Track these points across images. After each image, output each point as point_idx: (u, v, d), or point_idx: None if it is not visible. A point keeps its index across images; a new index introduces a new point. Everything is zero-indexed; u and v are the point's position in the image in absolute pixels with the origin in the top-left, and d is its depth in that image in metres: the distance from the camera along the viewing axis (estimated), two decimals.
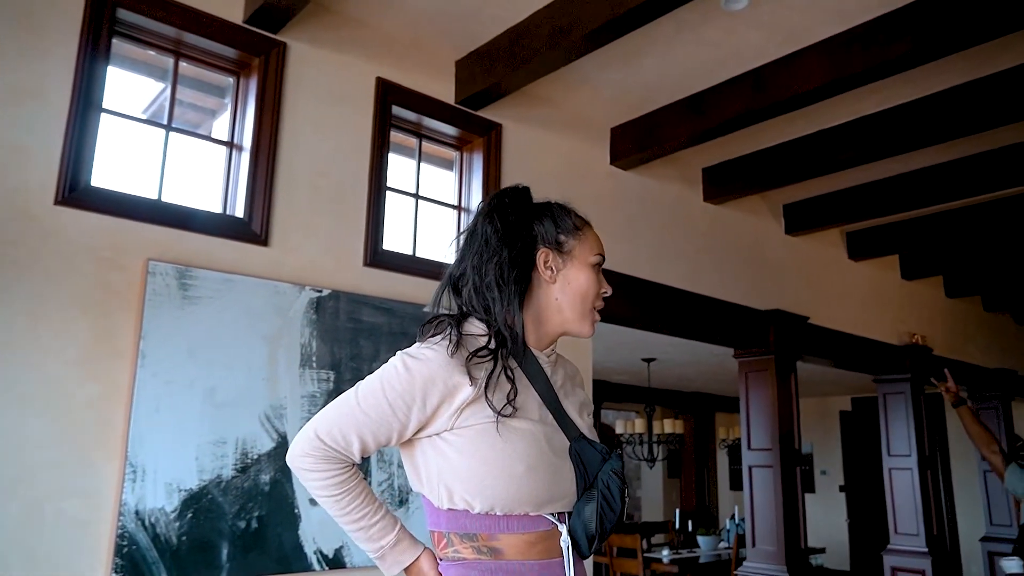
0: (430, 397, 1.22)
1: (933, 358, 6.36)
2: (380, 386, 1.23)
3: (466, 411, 1.22)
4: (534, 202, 1.41)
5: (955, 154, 4.37)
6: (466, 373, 1.22)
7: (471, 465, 1.21)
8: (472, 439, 1.21)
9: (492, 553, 1.22)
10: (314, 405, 2.74)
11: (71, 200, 2.36)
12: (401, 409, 1.22)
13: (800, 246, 5.32)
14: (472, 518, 1.22)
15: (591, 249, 1.38)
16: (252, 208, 2.76)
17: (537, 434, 1.24)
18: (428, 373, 1.22)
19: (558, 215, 1.39)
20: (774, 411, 4.75)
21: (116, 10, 2.55)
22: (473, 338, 1.29)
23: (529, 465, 1.21)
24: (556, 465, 1.25)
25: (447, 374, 1.22)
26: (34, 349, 2.23)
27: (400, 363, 1.25)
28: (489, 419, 1.21)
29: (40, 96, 2.35)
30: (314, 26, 3.00)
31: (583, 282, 1.35)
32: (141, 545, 2.31)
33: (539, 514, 1.24)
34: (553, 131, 3.80)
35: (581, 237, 1.38)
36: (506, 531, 1.22)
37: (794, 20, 3.12)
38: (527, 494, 1.21)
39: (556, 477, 1.24)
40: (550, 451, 1.24)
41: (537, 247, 1.35)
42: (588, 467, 1.28)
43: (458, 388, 1.22)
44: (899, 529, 5.96)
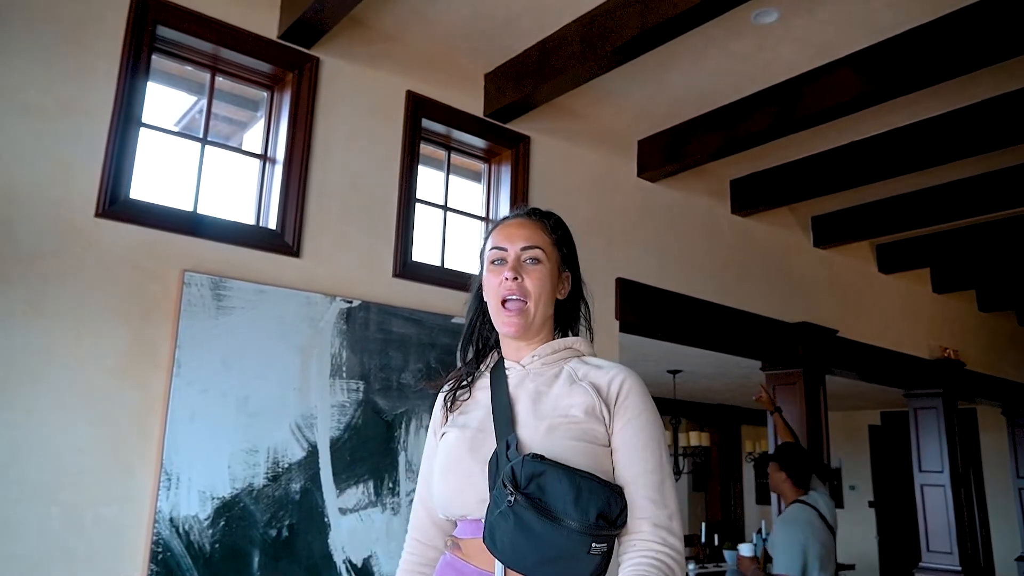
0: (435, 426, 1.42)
1: (966, 373, 6.26)
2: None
3: (442, 427, 1.38)
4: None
5: (987, 167, 4.31)
6: (442, 399, 1.41)
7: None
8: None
9: (454, 546, 1.28)
10: (343, 415, 2.77)
11: (111, 212, 2.42)
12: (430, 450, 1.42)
13: (829, 259, 5.27)
14: (449, 524, 1.34)
15: (488, 245, 1.39)
16: (284, 220, 2.81)
17: (459, 441, 1.28)
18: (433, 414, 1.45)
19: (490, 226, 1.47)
20: (802, 425, 4.69)
21: (156, 27, 2.61)
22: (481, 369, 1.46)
23: (441, 469, 1.29)
24: (469, 468, 1.23)
25: (439, 400, 1.44)
26: (75, 357, 2.29)
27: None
28: (443, 431, 1.35)
29: (83, 111, 2.42)
30: (347, 41, 3.05)
31: (486, 282, 1.38)
32: (175, 552, 2.35)
33: (476, 519, 1.20)
34: (581, 144, 3.81)
35: (487, 240, 1.41)
36: (461, 535, 1.27)
37: (824, 34, 3.11)
38: (442, 497, 1.28)
39: (466, 479, 1.23)
40: (469, 456, 1.25)
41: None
42: (499, 472, 1.17)
43: (442, 408, 1.41)
44: (931, 547, 5.86)
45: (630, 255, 3.92)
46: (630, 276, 3.88)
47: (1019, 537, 7.30)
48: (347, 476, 2.75)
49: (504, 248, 1.35)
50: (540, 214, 1.42)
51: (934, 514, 5.87)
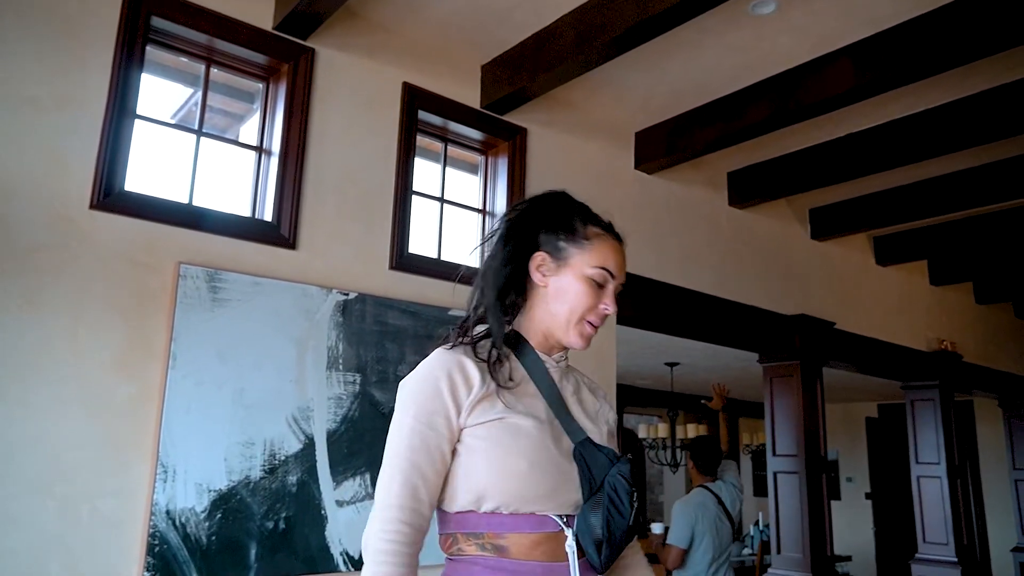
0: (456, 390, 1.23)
1: (963, 365, 6.27)
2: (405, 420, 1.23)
3: (476, 409, 1.22)
4: (563, 204, 1.37)
5: (985, 158, 4.31)
6: (475, 369, 1.24)
7: (478, 464, 1.20)
8: (479, 438, 1.21)
9: (496, 550, 1.19)
10: (340, 407, 2.77)
11: (106, 204, 2.41)
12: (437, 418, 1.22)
13: (826, 251, 5.27)
14: (480, 517, 1.21)
15: (590, 261, 1.31)
16: (280, 212, 2.80)
17: (541, 432, 1.23)
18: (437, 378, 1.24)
19: (570, 220, 1.34)
20: (799, 417, 4.70)
21: (150, 18, 2.60)
22: (478, 344, 1.31)
23: (532, 462, 1.20)
24: (561, 465, 1.23)
25: (454, 373, 1.23)
26: (70, 351, 2.28)
27: (407, 385, 1.26)
28: (496, 416, 1.21)
29: (77, 103, 2.41)
30: (342, 32, 3.04)
31: (571, 293, 1.30)
32: (172, 545, 2.35)
33: (545, 515, 1.21)
34: (578, 135, 3.80)
35: (586, 247, 1.32)
36: (512, 530, 1.20)
37: (823, 25, 3.10)
38: (531, 492, 1.20)
39: (560, 477, 1.22)
40: (556, 449, 1.23)
41: (536, 250, 1.33)
42: (593, 470, 1.24)
43: (469, 383, 1.23)
44: (928, 538, 5.88)
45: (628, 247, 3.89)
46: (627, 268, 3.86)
47: (1015, 528, 7.33)
48: (344, 468, 2.75)
49: (613, 276, 1.34)
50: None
51: (930, 506, 5.89)
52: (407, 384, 1.26)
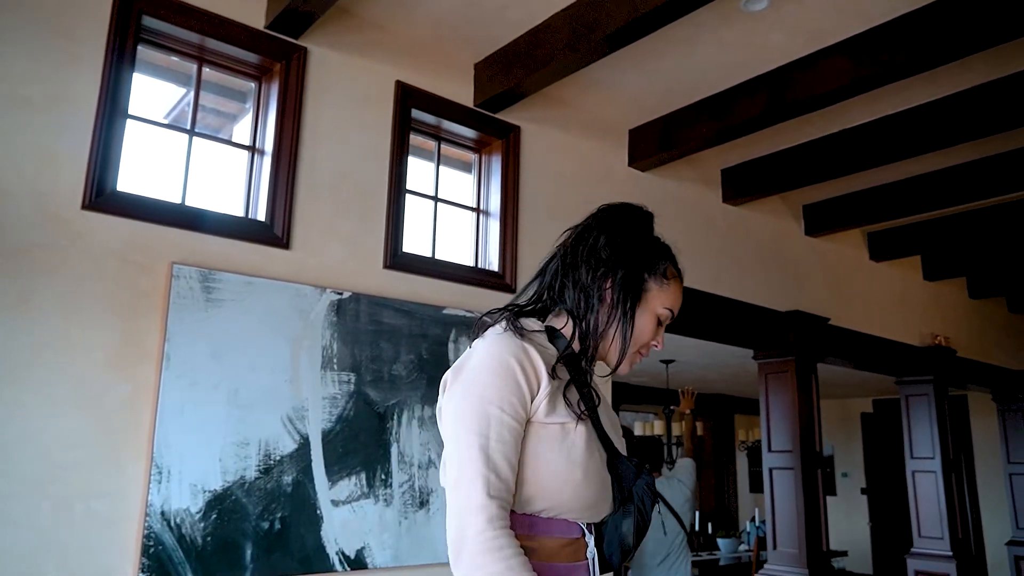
0: (529, 380, 1.20)
1: (957, 360, 6.29)
2: (488, 410, 1.17)
3: (543, 405, 1.20)
4: (653, 238, 1.41)
5: (978, 154, 4.32)
6: (541, 363, 1.21)
7: (538, 467, 1.18)
8: (542, 439, 1.19)
9: (526, 552, 1.17)
10: (335, 407, 2.77)
11: (98, 204, 2.40)
12: (517, 404, 1.19)
13: (820, 247, 5.28)
14: (516, 518, 1.18)
15: (664, 302, 1.36)
16: (274, 211, 2.79)
17: (591, 442, 1.25)
18: (512, 366, 1.20)
19: (655, 256, 1.37)
20: (795, 413, 4.71)
21: (141, 17, 2.59)
22: (535, 335, 1.29)
23: (586, 473, 1.22)
24: (604, 476, 1.26)
25: (525, 363, 1.20)
26: (64, 351, 2.28)
27: (472, 372, 1.21)
28: (559, 420, 1.20)
29: (69, 102, 2.40)
30: (334, 31, 3.03)
31: (641, 327, 1.34)
32: (167, 545, 2.34)
33: (576, 521, 1.23)
34: (571, 133, 3.80)
35: (664, 287, 1.36)
36: (544, 533, 1.20)
37: (815, 21, 3.10)
38: (581, 501, 1.21)
39: (603, 488, 1.26)
40: (600, 462, 1.26)
41: (619, 272, 1.34)
42: (624, 481, 1.28)
43: (540, 379, 1.20)
44: (923, 532, 5.90)
45: None
46: None
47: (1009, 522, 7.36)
48: (339, 468, 2.74)
49: (673, 316, 1.38)
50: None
51: (926, 500, 5.91)
52: (478, 371, 1.20)
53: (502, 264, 3.41)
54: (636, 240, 1.36)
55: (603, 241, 1.34)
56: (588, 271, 1.32)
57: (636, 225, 1.39)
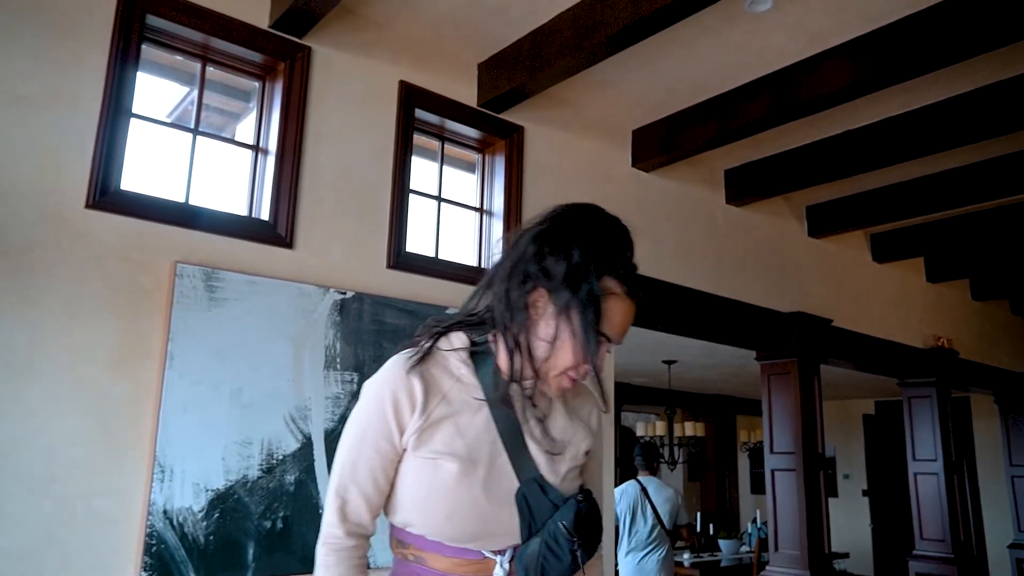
0: (400, 415, 1.20)
1: (960, 362, 6.28)
2: (353, 436, 1.24)
3: (416, 436, 1.20)
4: (589, 236, 1.21)
5: (981, 155, 4.31)
6: (421, 394, 1.20)
7: (406, 493, 1.22)
8: (412, 470, 1.21)
9: (418, 560, 1.23)
10: (338, 406, 2.77)
11: (101, 203, 2.40)
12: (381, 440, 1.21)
13: (823, 248, 5.28)
14: (406, 534, 1.24)
15: (614, 320, 1.20)
16: (277, 211, 2.79)
17: (468, 479, 1.17)
18: (384, 400, 1.21)
19: (594, 270, 1.18)
20: (797, 414, 4.71)
21: (146, 16, 2.59)
22: (446, 356, 1.25)
23: (451, 511, 1.18)
24: (486, 514, 1.18)
25: (400, 394, 1.20)
26: (66, 349, 2.28)
27: (362, 394, 1.25)
28: (430, 455, 1.19)
29: (73, 101, 2.40)
30: (338, 30, 3.03)
31: (562, 347, 1.18)
32: (169, 544, 2.34)
33: (464, 547, 1.20)
34: (575, 133, 3.80)
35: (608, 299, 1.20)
36: (435, 551, 1.21)
37: (819, 22, 3.10)
38: (449, 535, 1.19)
39: (483, 525, 1.19)
40: (484, 498, 1.18)
41: (540, 282, 1.19)
42: (535, 513, 1.20)
43: (415, 410, 1.19)
44: (925, 535, 5.89)
45: None
46: None
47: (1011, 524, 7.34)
48: None
49: (611, 341, 1.22)
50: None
51: (927, 502, 5.90)
52: (363, 398, 1.25)
53: None
54: (572, 251, 1.18)
55: (531, 251, 1.19)
56: (518, 283, 1.19)
57: (576, 232, 1.20)
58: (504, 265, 1.23)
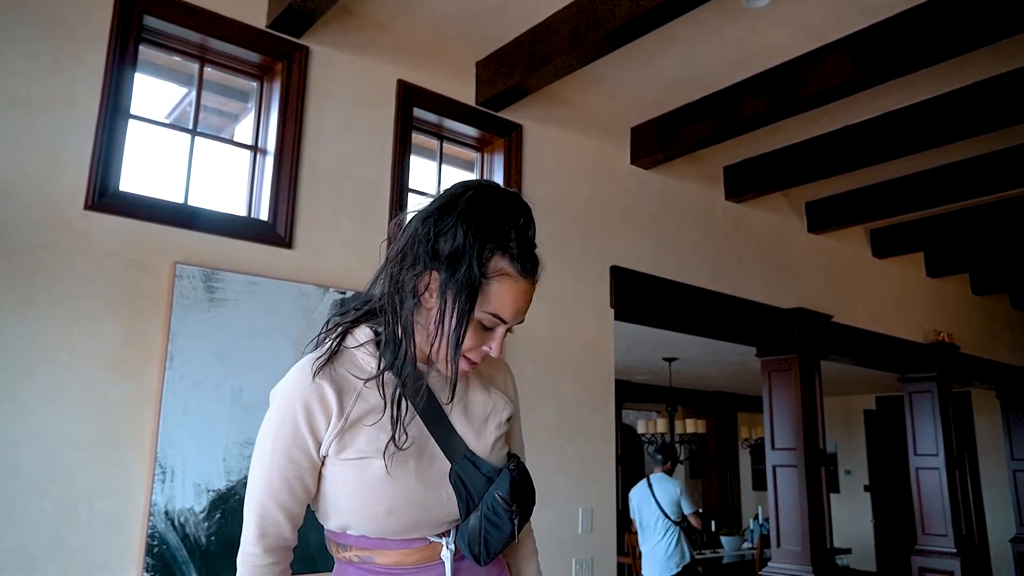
0: (314, 423, 1.16)
1: (960, 356, 6.28)
2: (265, 448, 1.19)
3: (335, 442, 1.16)
4: (480, 213, 1.14)
5: (980, 150, 4.31)
6: (334, 398, 1.16)
7: (337, 498, 1.19)
8: (339, 475, 1.18)
9: (363, 560, 1.21)
10: None
11: (100, 205, 2.40)
12: (295, 450, 1.17)
13: (823, 244, 5.28)
14: (347, 537, 1.22)
15: (484, 305, 1.14)
16: (276, 211, 2.79)
17: (404, 471, 1.16)
18: (295, 410, 1.16)
19: (482, 249, 1.13)
20: (798, 410, 4.71)
21: (143, 17, 2.59)
22: (353, 353, 1.22)
23: (390, 508, 1.16)
24: (424, 502, 1.18)
25: (312, 402, 1.16)
26: (67, 350, 2.28)
27: (272, 403, 1.20)
28: (355, 456, 1.16)
29: (71, 103, 2.40)
30: (336, 30, 3.03)
31: (461, 327, 1.14)
32: (171, 545, 2.34)
33: (412, 538, 1.20)
34: (573, 131, 3.80)
35: (486, 286, 1.13)
36: (378, 548, 1.20)
37: (816, 17, 3.10)
38: (391, 529, 1.18)
39: (424, 513, 1.19)
40: (420, 486, 1.18)
41: (429, 265, 1.15)
42: (471, 491, 1.20)
43: (331, 417, 1.16)
44: (927, 530, 5.90)
45: (624, 243, 3.92)
46: (624, 264, 3.87)
47: (1013, 519, 7.35)
48: None
49: (506, 322, 1.17)
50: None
51: (929, 497, 5.91)
52: (272, 407, 1.20)
53: None
54: (453, 231, 1.13)
55: (420, 232, 1.15)
56: (408, 265, 1.16)
57: (469, 211, 1.14)
58: (395, 248, 1.20)
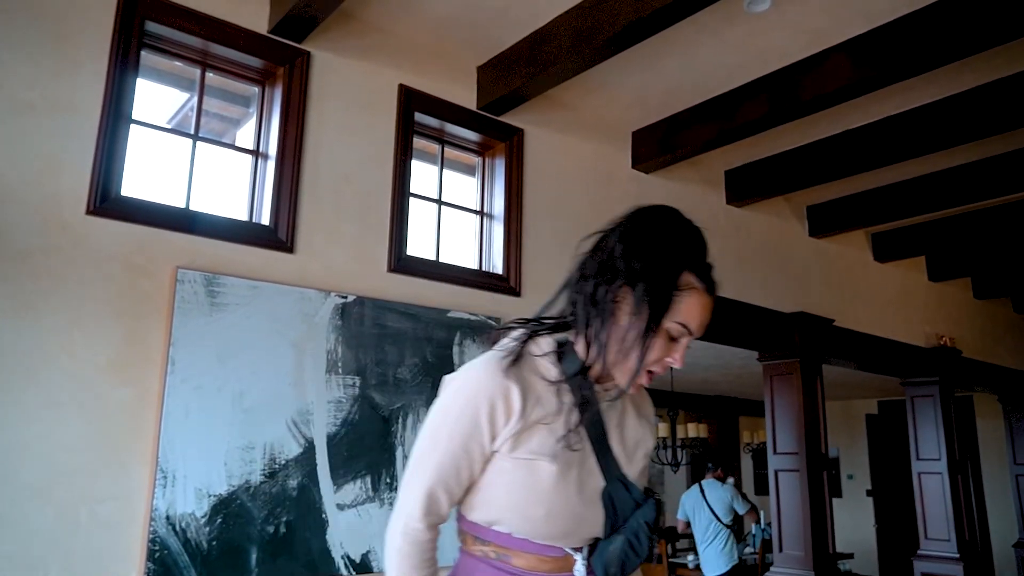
0: (495, 418, 1.20)
1: (963, 361, 6.27)
2: (441, 435, 1.23)
3: (510, 440, 1.21)
4: (669, 234, 1.26)
5: (981, 154, 4.31)
6: (518, 399, 1.20)
7: (498, 493, 1.23)
8: (506, 471, 1.22)
9: (500, 557, 1.24)
10: (340, 410, 2.76)
11: (102, 210, 2.40)
12: (471, 442, 1.21)
13: (824, 248, 5.27)
14: (489, 532, 1.25)
15: (675, 316, 1.23)
16: (278, 216, 2.79)
17: (564, 481, 1.21)
18: (478, 405, 1.20)
19: (671, 265, 1.23)
20: (800, 415, 4.70)
21: (145, 22, 2.59)
22: (536, 360, 1.25)
23: (548, 511, 1.21)
24: (578, 512, 1.23)
25: (496, 400, 1.20)
26: (68, 355, 2.28)
27: (451, 391, 1.25)
28: (526, 456, 1.20)
29: (73, 108, 2.40)
30: (337, 35, 3.03)
31: (648, 340, 1.22)
32: (172, 550, 2.34)
33: (550, 544, 1.24)
34: (574, 135, 3.80)
35: (677, 299, 1.23)
36: (519, 548, 1.23)
37: (818, 21, 3.10)
38: (542, 533, 1.22)
39: (575, 523, 1.23)
40: (577, 498, 1.22)
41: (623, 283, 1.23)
42: (619, 510, 1.26)
43: (511, 416, 1.20)
44: (929, 534, 5.87)
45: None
46: None
47: (1016, 523, 7.32)
48: (344, 472, 2.74)
49: (692, 333, 1.26)
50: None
51: (932, 502, 5.88)
52: (452, 395, 1.24)
53: (506, 267, 3.41)
54: (653, 247, 1.23)
55: (617, 251, 1.24)
56: (598, 283, 1.23)
57: (657, 230, 1.26)
58: (589, 265, 1.27)
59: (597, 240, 1.29)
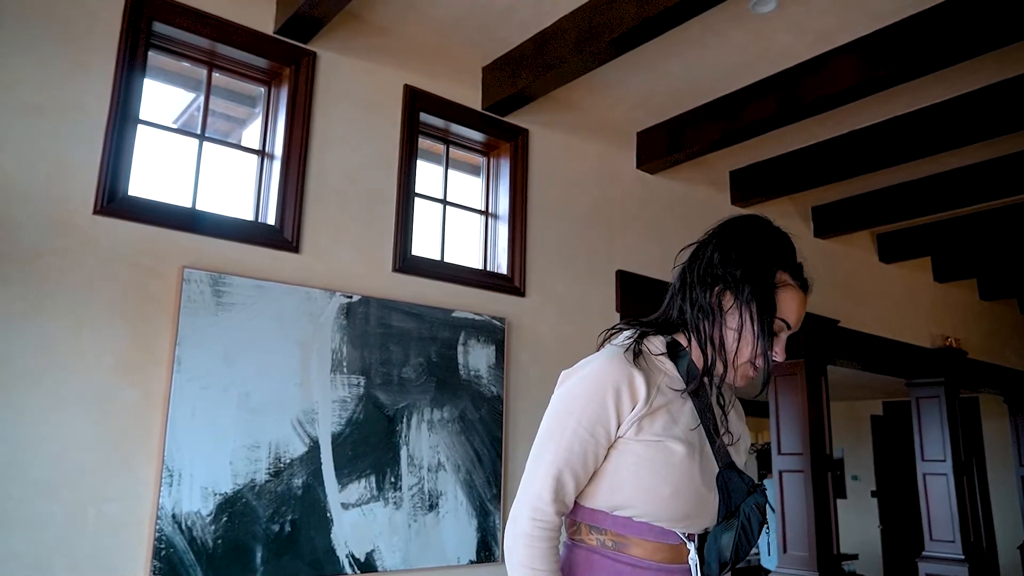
0: (621, 404, 1.26)
1: (968, 362, 6.25)
2: (568, 421, 1.27)
3: (636, 424, 1.26)
4: (760, 239, 1.38)
5: (988, 154, 4.30)
6: (643, 385, 1.27)
7: (625, 478, 1.26)
8: (633, 453, 1.26)
9: (616, 547, 1.27)
10: (344, 410, 2.77)
11: (109, 210, 2.41)
12: (598, 427, 1.25)
13: (830, 249, 5.26)
14: (608, 517, 1.28)
15: (787, 306, 1.36)
16: (283, 215, 2.80)
17: (691, 461, 1.26)
18: (605, 391, 1.26)
19: (768, 265, 1.35)
20: (804, 416, 4.69)
21: (152, 24, 2.60)
22: (651, 356, 1.34)
23: (675, 489, 1.25)
24: (701, 493, 1.27)
25: (622, 387, 1.26)
26: (75, 354, 2.29)
27: (576, 379, 1.29)
28: (654, 437, 1.26)
29: (80, 109, 2.41)
30: (343, 35, 3.04)
31: (756, 336, 1.32)
32: (178, 548, 2.35)
33: (671, 529, 1.27)
34: (580, 136, 3.80)
35: (776, 296, 1.35)
36: (638, 535, 1.26)
37: (823, 22, 3.10)
38: (667, 514, 1.25)
39: (698, 504, 1.27)
40: (700, 478, 1.27)
41: (726, 288, 1.35)
42: (732, 496, 1.30)
43: (637, 401, 1.26)
44: (934, 536, 5.86)
45: (630, 247, 3.92)
46: (630, 268, 3.87)
47: (1021, 525, 7.30)
48: (349, 471, 2.75)
49: (791, 327, 1.37)
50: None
51: (937, 503, 5.87)
52: (578, 382, 1.29)
53: (511, 267, 3.41)
54: (748, 252, 1.36)
55: (716, 257, 1.36)
56: (704, 288, 1.35)
57: (749, 236, 1.38)
58: (690, 275, 1.39)
59: (693, 251, 1.42)
